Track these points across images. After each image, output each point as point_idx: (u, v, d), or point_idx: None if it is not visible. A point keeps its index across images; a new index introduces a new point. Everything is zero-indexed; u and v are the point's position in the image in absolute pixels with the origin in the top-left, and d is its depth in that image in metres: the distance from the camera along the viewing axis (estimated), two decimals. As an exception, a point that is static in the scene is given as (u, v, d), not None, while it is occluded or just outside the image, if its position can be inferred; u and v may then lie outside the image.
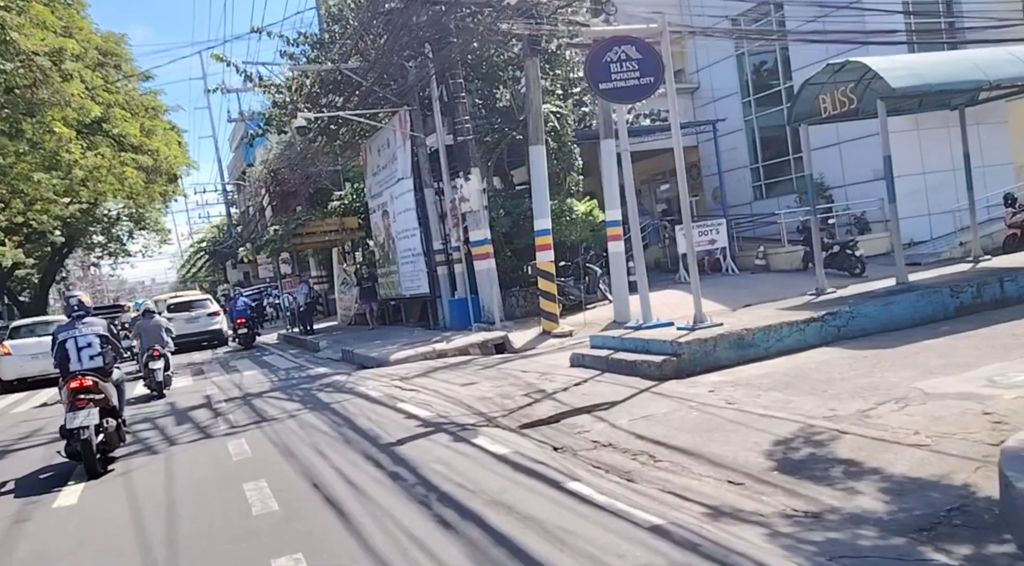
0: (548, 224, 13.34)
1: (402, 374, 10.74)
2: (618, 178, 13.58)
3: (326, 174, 26.78)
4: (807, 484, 4.11)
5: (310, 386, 10.95)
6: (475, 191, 14.31)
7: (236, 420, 8.60)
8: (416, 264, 17.32)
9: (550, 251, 13.31)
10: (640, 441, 5.39)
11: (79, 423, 6.35)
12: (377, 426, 7.03)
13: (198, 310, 24.26)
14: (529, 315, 15.45)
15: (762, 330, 7.86)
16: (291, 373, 13.28)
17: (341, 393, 9.67)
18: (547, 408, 6.88)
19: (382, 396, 8.81)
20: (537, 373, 9.00)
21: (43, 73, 15.72)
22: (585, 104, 16.91)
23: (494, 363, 10.70)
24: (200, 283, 60.84)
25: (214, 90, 19.20)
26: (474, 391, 8.31)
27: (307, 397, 9.82)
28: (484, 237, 14.40)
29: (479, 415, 6.95)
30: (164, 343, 12.92)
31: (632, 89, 8.10)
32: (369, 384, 10.10)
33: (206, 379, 14.11)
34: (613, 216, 13.52)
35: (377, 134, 19.64)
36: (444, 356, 12.33)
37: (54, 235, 30.16)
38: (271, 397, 10.29)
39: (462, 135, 14.41)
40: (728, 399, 6.28)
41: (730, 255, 17.34)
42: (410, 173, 16.84)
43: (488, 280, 14.42)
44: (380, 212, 19.72)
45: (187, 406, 10.52)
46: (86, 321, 7.03)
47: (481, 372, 9.90)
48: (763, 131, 21.10)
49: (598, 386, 7.57)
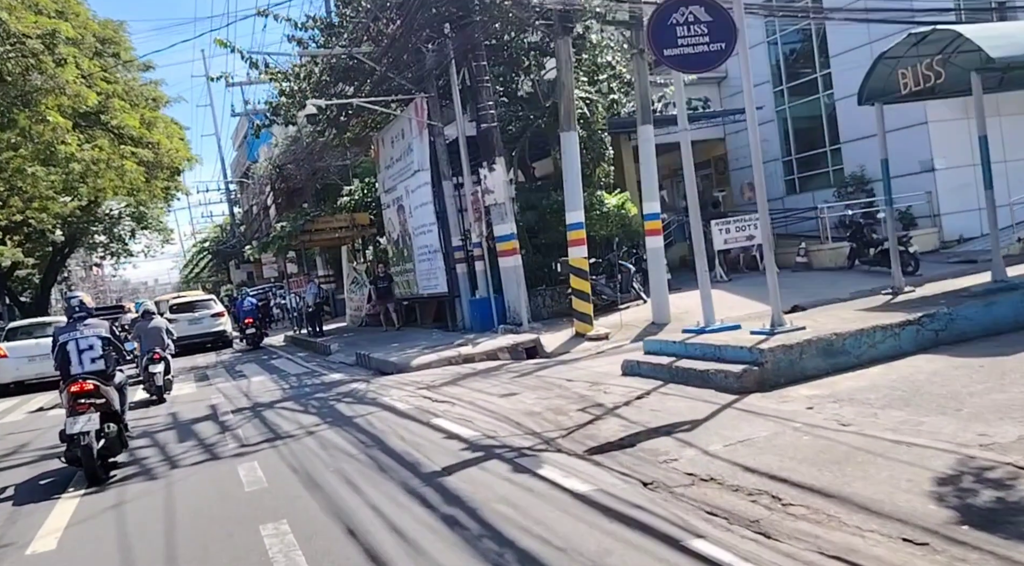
0: (581, 217, 12.30)
1: (427, 382, 9.71)
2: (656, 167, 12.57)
3: (334, 169, 25.78)
4: (1021, 546, 3.06)
5: (326, 395, 9.91)
6: (500, 182, 13.27)
7: (246, 436, 7.57)
8: (434, 262, 16.28)
9: (583, 246, 12.27)
10: (751, 475, 4.34)
11: (79, 428, 6.18)
12: (413, 448, 5.98)
13: (201, 311, 23.33)
14: (557, 316, 14.42)
15: (853, 335, 6.81)
16: (303, 380, 12.25)
17: (363, 404, 8.63)
18: (613, 427, 5.83)
19: (411, 409, 7.77)
20: (586, 382, 7.95)
21: (35, 58, 14.72)
22: (612, 91, 15.84)
23: (530, 370, 9.65)
24: (203, 284, 60.06)
25: (217, 78, 18.21)
26: (518, 404, 7.27)
27: (324, 408, 8.78)
28: (510, 231, 13.36)
29: (533, 435, 5.91)
30: (165, 346, 12.22)
31: (701, 56, 7.07)
32: (393, 393, 9.06)
33: (211, 386, 13.09)
34: (651, 208, 12.48)
35: (390, 125, 18.61)
36: (471, 361, 11.30)
37: (55, 234, 29.39)
38: (284, 408, 9.26)
39: (486, 122, 13.36)
40: (838, 419, 5.23)
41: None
42: (427, 165, 15.81)
43: (514, 278, 13.37)
44: (395, 207, 18.67)
45: (190, 418, 9.49)
46: (88, 322, 6.84)
47: (518, 380, 8.85)
48: (796, 122, 20.01)
49: (666, 400, 6.52)
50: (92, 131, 20.29)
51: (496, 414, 6.88)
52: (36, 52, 14.57)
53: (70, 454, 6.29)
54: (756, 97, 20.37)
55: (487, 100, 13.39)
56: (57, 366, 6.72)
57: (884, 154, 9.65)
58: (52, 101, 16.04)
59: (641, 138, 12.39)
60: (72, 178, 20.05)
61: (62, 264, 37.90)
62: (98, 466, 6.31)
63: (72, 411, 6.31)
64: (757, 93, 20.45)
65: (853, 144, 18.29)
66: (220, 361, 18.59)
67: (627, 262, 13.97)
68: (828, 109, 18.90)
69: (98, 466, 6.31)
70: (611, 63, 15.95)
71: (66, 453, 6.32)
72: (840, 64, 18.19)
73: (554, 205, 14.69)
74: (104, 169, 19.69)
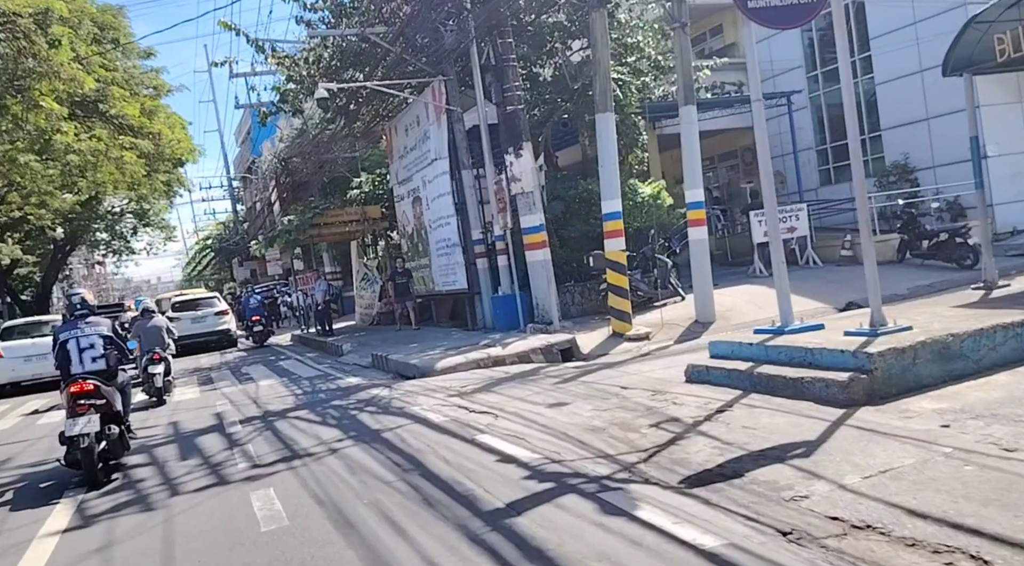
0: (619, 206, 11.29)
1: (457, 387, 8.71)
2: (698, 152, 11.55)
3: (342, 162, 24.77)
4: None
5: (344, 402, 8.91)
6: (528, 169, 12.26)
7: (258, 454, 6.57)
8: (452, 256, 15.27)
9: (621, 238, 11.26)
10: (922, 522, 3.33)
11: (79, 430, 6.03)
12: (463, 474, 4.97)
13: (204, 309, 22.40)
14: (587, 314, 13.41)
15: (971, 336, 5.79)
16: (316, 384, 11.25)
17: (390, 415, 7.62)
18: (704, 450, 4.82)
19: (447, 421, 6.76)
20: (646, 391, 6.94)
21: (27, 38, 13.72)
22: (643, 73, 14.80)
23: (572, 374, 8.64)
24: (206, 282, 59.25)
25: (221, 63, 17.18)
26: (573, 417, 6.26)
27: (345, 419, 7.78)
28: (538, 223, 12.36)
29: (606, 459, 4.90)
30: (165, 345, 11.68)
31: (792, 8, 6.05)
32: (421, 401, 8.06)
33: (215, 390, 12.10)
34: (695, 197, 11.46)
35: (404, 112, 17.60)
36: (501, 364, 10.29)
37: (55, 232, 28.57)
38: (298, 418, 8.26)
39: (512, 104, 12.35)
40: (995, 442, 4.22)
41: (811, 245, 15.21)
42: (446, 153, 14.80)
43: (543, 273, 12.36)
44: (410, 199, 17.66)
45: (193, 429, 8.50)
46: (89, 320, 6.66)
47: (563, 387, 7.84)
48: (833, 109, 18.94)
49: (757, 414, 5.50)
50: (90, 121, 19.36)
51: (551, 430, 5.87)
52: (28, 32, 13.57)
53: (70, 457, 6.12)
54: (787, 84, 19.42)
55: (513, 80, 12.37)
56: (57, 365, 6.53)
57: (973, 131, 8.61)
58: (46, 86, 15.04)
59: (684, 120, 11.37)
60: (70, 171, 19.09)
61: (63, 262, 37.14)
62: (99, 469, 6.15)
63: (72, 412, 6.14)
64: (789, 79, 19.53)
65: (895, 131, 17.27)
66: (224, 362, 17.61)
67: (663, 256, 12.93)
68: (867, 94, 17.84)
69: (99, 469, 6.15)
70: (639, 44, 14.91)
71: (66, 456, 6.15)
72: (881, 46, 17.16)
73: (583, 194, 13.71)
74: (103, 161, 18.71)
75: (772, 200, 7.36)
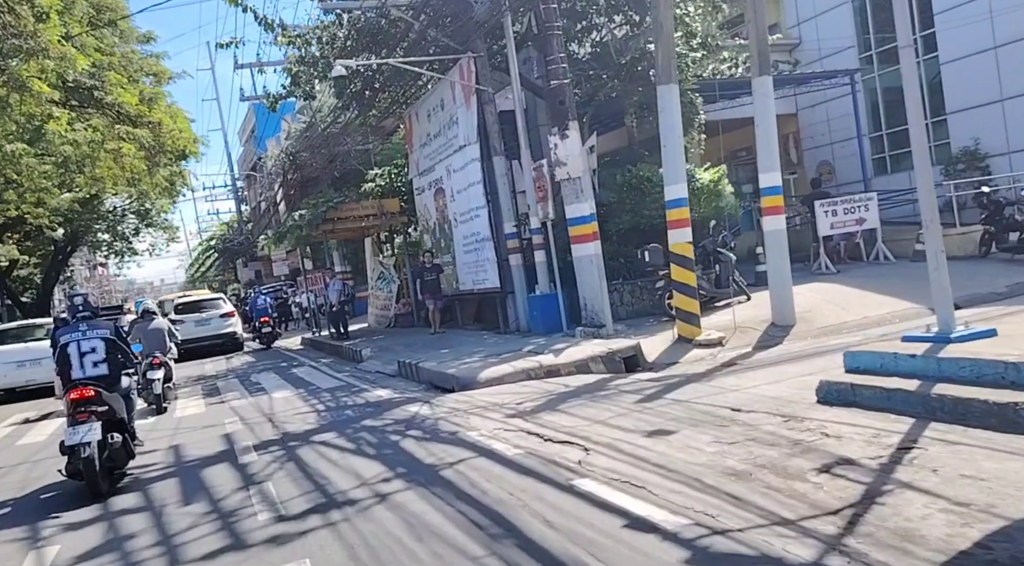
0: (684, 191, 9.84)
1: (512, 404, 7.28)
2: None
3: (355, 154, 23.34)
4: None
5: (379, 423, 7.45)
6: (576, 151, 10.81)
7: (281, 499, 5.13)
8: (482, 252, 13.82)
9: (687, 228, 9.81)
10: None
11: (79, 439, 5.79)
12: (582, 547, 3.51)
13: (209, 311, 21.11)
14: (637, 315, 11.98)
15: None
16: (339, 397, 9.81)
17: (441, 442, 6.16)
18: (932, 515, 3.37)
19: (523, 455, 5.31)
20: (771, 415, 5.48)
21: (11, 11, 12.31)
22: (693, 49, 13.29)
23: (653, 389, 7.19)
24: (209, 283, 58.16)
25: (227, 44, 15.69)
26: (691, 452, 4.81)
27: (386, 446, 6.33)
28: (589, 212, 10.90)
29: (786, 525, 3.45)
30: (167, 349, 11.02)
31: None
32: (476, 424, 6.62)
33: (223, 403, 10.67)
34: (770, 181, 10.00)
35: (427, 96, 16.19)
36: (555, 374, 8.84)
37: (55, 232, 27.45)
38: (326, 443, 6.81)
39: (557, 78, 10.89)
40: None
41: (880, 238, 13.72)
42: (476, 137, 13.38)
43: (593, 269, 10.92)
44: (432, 191, 16.23)
45: (198, 457, 7.06)
46: (92, 323, 6.40)
47: (651, 408, 6.40)
48: (889, 93, 17.44)
49: (967, 456, 4.05)
50: (86, 112, 18.04)
51: (674, 473, 4.42)
52: (12, 3, 12.16)
53: (71, 467, 5.87)
54: (838, 64, 17.92)
55: (558, 51, 10.91)
56: (58, 370, 6.29)
57: None
58: (34, 65, 13.62)
59: (757, 92, 9.91)
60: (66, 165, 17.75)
61: (64, 263, 36.03)
62: (101, 479, 5.87)
63: (72, 420, 5.89)
64: (837, 62, 17.99)
65: (963, 114, 15.76)
66: (231, 369, 16.19)
67: (725, 250, 11.46)
68: (929, 75, 16.34)
69: (101, 479, 5.87)
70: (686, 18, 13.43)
71: (67, 466, 5.91)
72: (947, 21, 15.65)
73: (632, 181, 12.26)
74: (99, 153, 17.33)
75: (925, 167, 5.88)
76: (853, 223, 13.29)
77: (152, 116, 18.64)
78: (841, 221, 13.18)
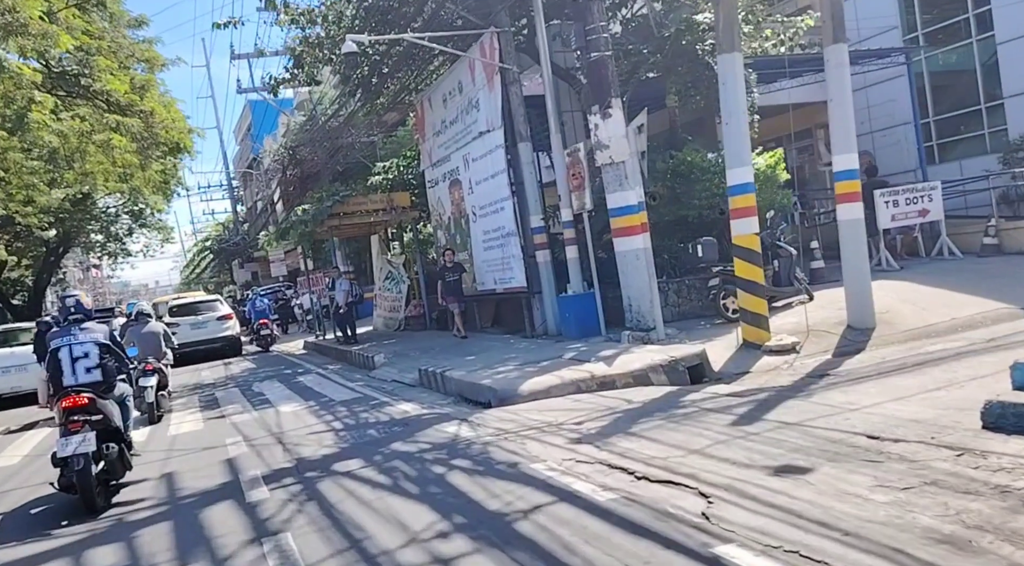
0: (749, 175, 8.65)
1: (571, 424, 6.09)
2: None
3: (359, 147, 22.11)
4: None
5: (413, 448, 6.21)
6: (619, 132, 9.61)
7: (305, 557, 3.91)
8: (507, 248, 12.60)
9: (753, 218, 8.60)
10: None
11: (72, 450, 5.41)
12: None
13: (206, 313, 19.96)
14: (684, 317, 10.81)
15: None
16: (357, 411, 8.57)
17: (499, 478, 4.93)
18: None
19: (620, 502, 4.09)
20: (934, 447, 4.28)
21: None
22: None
23: (744, 408, 5.99)
24: (205, 285, 56.97)
25: (224, 24, 14.47)
26: (855, 504, 3.61)
27: (430, 481, 5.10)
28: (636, 201, 9.68)
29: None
30: (162, 354, 10.36)
31: None
32: (533, 450, 5.41)
33: (223, 418, 9.43)
34: (847, 164, 8.81)
35: (441, 80, 15.00)
36: (610, 386, 7.63)
37: (47, 232, 26.37)
38: (353, 475, 5.58)
39: (598, 49, 9.67)
40: None
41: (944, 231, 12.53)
42: (500, 122, 12.17)
43: (641, 265, 9.70)
44: (447, 182, 15.01)
45: (196, 490, 5.84)
46: (84, 326, 6.06)
47: (753, 432, 5.19)
48: (937, 77, 16.26)
49: None
50: (74, 102, 16.88)
51: (852, 537, 3.22)
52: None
53: (64, 480, 5.55)
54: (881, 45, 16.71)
55: (599, 19, 9.70)
56: (48, 376, 5.96)
57: None
58: (13, 44, 12.41)
59: (831, 62, 8.72)
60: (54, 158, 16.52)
61: (56, 265, 34.93)
62: (97, 492, 5.58)
63: (65, 430, 5.61)
64: (882, 41, 16.80)
65: (1021, 99, 14.59)
66: (231, 376, 14.94)
67: (784, 243, 10.26)
68: (984, 56, 15.18)
69: (97, 492, 5.58)
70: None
71: (60, 479, 5.59)
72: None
73: (679, 168, 11.06)
74: (87, 145, 16.09)
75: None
76: (916, 214, 12.11)
77: (144, 105, 17.43)
78: (903, 212, 12.00)
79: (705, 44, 10.92)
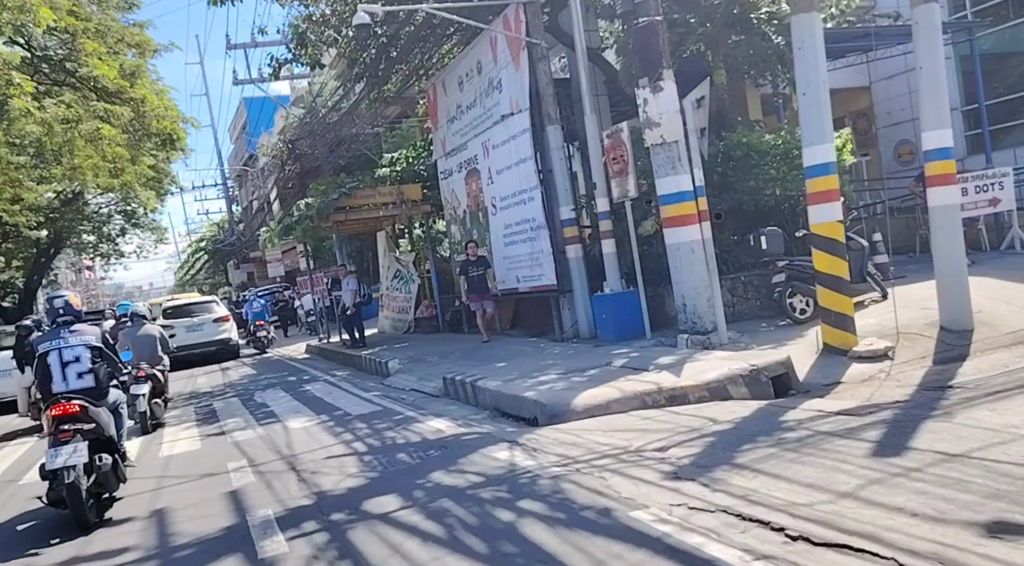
0: (830, 153, 7.50)
1: (651, 451, 4.95)
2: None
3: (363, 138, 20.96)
4: None
5: (460, 480, 5.03)
6: (672, 108, 8.46)
7: None
8: (536, 243, 11.45)
9: (836, 203, 7.46)
10: None
11: (62, 462, 5.06)
12: None
13: (201, 315, 18.90)
14: (741, 318, 9.64)
15: None
16: (379, 428, 7.39)
17: (592, 532, 3.76)
18: None
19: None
20: None
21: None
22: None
23: (872, 431, 4.84)
24: (199, 286, 55.91)
25: (221, 1, 13.30)
26: None
27: (497, 534, 3.92)
28: (688, 187, 8.52)
29: None
30: (158, 359, 9.72)
31: None
32: (622, 488, 4.26)
33: (223, 435, 8.25)
34: (939, 142, 7.66)
35: (457, 61, 13.86)
36: (680, 400, 6.47)
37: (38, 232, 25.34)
38: (389, 517, 4.41)
39: (647, 13, 8.52)
40: None
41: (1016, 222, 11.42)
42: (527, 103, 11.04)
43: (698, 259, 8.54)
44: (462, 173, 13.86)
45: (192, 538, 4.66)
46: (74, 329, 5.67)
47: (921, 469, 4.04)
48: (987, 60, 15.14)
49: None
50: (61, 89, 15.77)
51: None
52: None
53: (53, 494, 5.14)
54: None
55: (648, -18, 8.55)
56: (37, 382, 5.60)
57: None
58: (-12, 21, 11.24)
59: (921, 25, 7.59)
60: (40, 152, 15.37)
61: (47, 266, 33.91)
62: (88, 507, 5.14)
63: (54, 440, 5.22)
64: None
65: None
66: (229, 383, 13.75)
67: (856, 235, 9.12)
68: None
69: (88, 507, 5.14)
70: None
71: (48, 493, 5.18)
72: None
73: (735, 152, 9.93)
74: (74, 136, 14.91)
75: None
76: (986, 204, 11.00)
77: (134, 92, 16.25)
78: (972, 201, 10.89)
79: (760, 11, 9.78)
